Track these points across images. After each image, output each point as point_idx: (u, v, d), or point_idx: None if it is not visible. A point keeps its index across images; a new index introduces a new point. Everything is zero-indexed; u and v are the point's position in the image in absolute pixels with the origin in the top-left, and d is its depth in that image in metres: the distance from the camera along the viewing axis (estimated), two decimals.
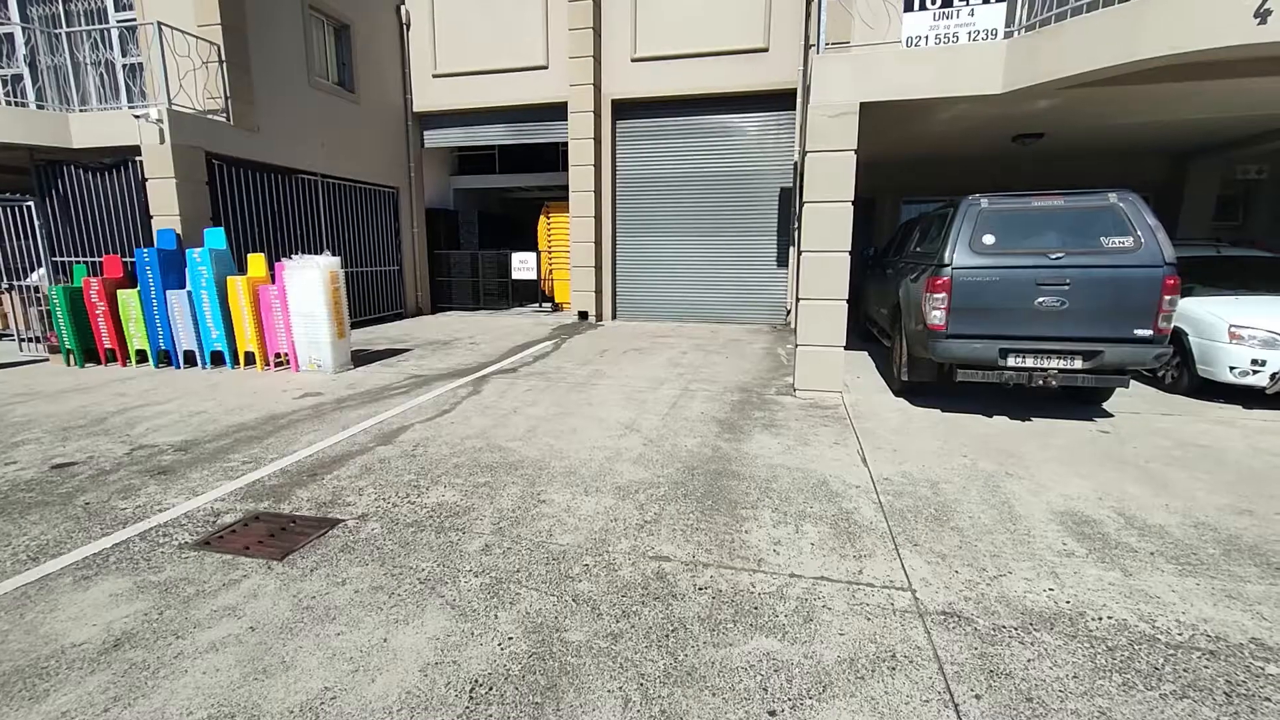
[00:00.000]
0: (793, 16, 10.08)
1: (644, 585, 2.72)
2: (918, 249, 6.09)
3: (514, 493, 3.73)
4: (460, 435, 4.85)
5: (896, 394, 6.11)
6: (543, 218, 14.25)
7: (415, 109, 12.57)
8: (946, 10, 5.16)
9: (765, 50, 10.36)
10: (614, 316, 12.31)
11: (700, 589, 2.69)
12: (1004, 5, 5.06)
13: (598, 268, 11.87)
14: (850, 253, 5.79)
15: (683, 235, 11.70)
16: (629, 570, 2.85)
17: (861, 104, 5.39)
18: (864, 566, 2.88)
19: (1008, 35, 5.15)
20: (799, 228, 6.47)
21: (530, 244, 14.46)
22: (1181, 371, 5.89)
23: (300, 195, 10.13)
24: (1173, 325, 5.54)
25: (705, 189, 11.42)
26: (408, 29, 12.21)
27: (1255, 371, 5.29)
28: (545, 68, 11.55)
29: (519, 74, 11.76)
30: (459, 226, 14.96)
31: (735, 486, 3.83)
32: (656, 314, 12.07)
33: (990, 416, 5.32)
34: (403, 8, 12.11)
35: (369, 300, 11.90)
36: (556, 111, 11.66)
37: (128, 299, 7.41)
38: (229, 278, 7.25)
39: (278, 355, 7.47)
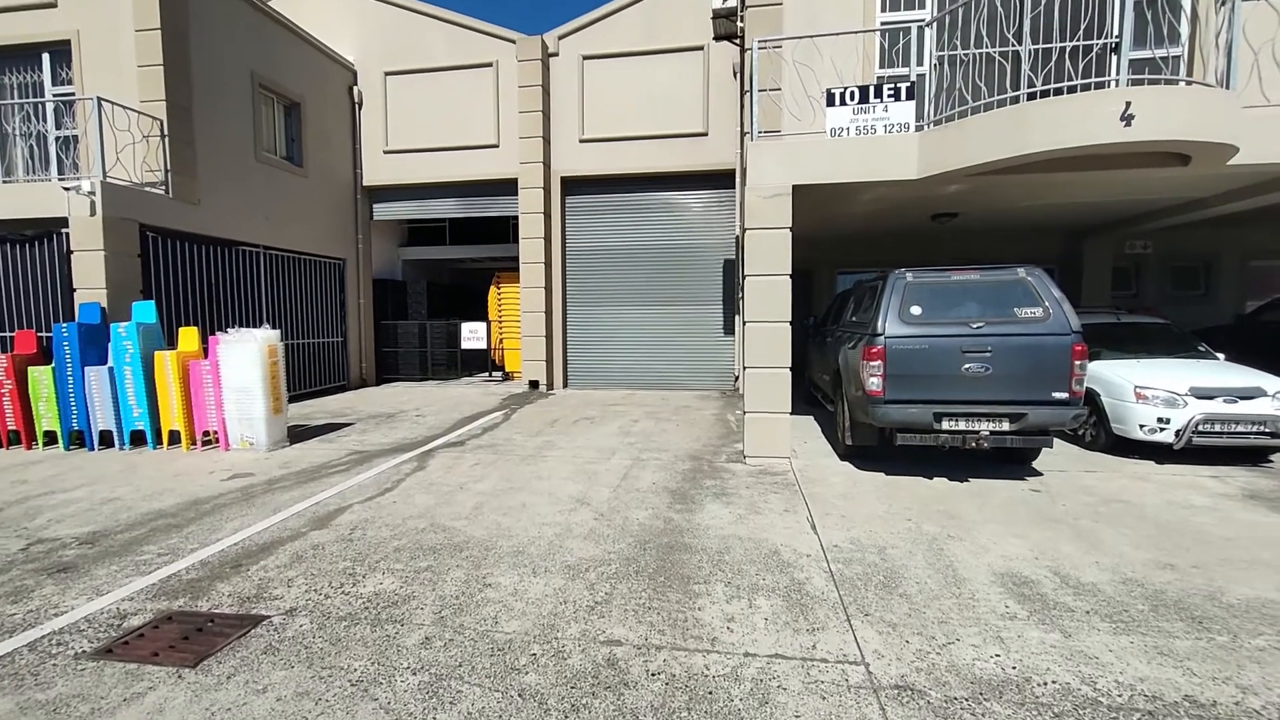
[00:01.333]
0: (729, 104, 10.88)
1: (594, 674, 2.60)
2: (853, 318, 6.42)
3: (458, 577, 3.55)
4: (402, 515, 4.64)
5: (842, 458, 6.26)
6: (493, 288, 14.34)
7: (365, 183, 12.68)
8: (863, 106, 5.71)
9: (705, 134, 11.09)
10: (565, 385, 12.27)
11: (653, 675, 2.60)
12: (913, 103, 5.64)
13: (548, 337, 11.92)
14: (791, 322, 6.06)
15: (632, 305, 11.96)
16: (579, 658, 2.72)
17: (793, 186, 5.79)
18: (818, 640, 2.86)
19: (918, 129, 5.71)
20: (742, 298, 6.75)
21: (480, 314, 14.45)
22: (1099, 430, 6.30)
23: (241, 267, 9.89)
24: (1086, 387, 5.97)
25: (653, 261, 11.82)
26: (359, 108, 12.49)
27: (1161, 429, 5.71)
28: (496, 146, 11.95)
29: (470, 151, 12.11)
30: (407, 297, 14.86)
31: (688, 560, 3.78)
32: (608, 382, 12.11)
33: (931, 478, 5.50)
34: (355, 88, 12.42)
35: (310, 372, 11.49)
36: (507, 187, 11.99)
37: (39, 376, 6.91)
38: (157, 352, 6.90)
39: (206, 433, 7.05)
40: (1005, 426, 5.15)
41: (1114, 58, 4.91)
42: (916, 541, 4.05)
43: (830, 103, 5.75)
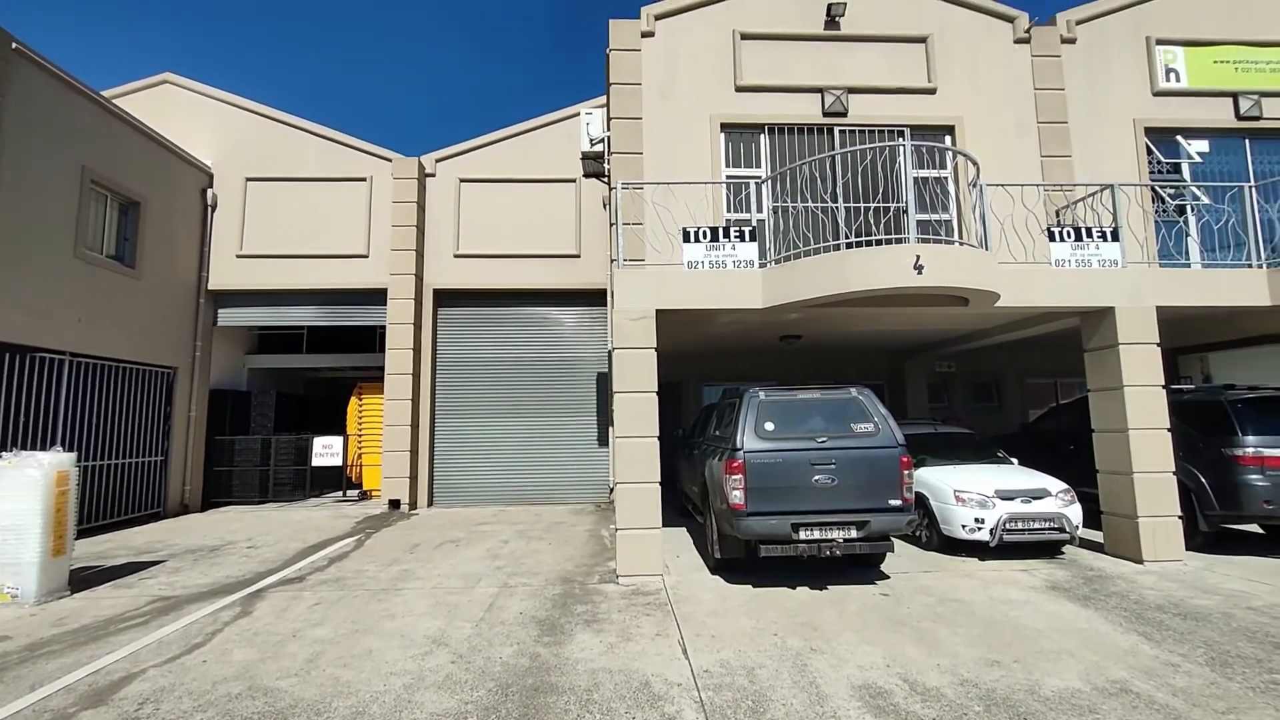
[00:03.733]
0: (600, 229, 11.72)
1: None
2: (716, 432, 6.78)
3: None
4: (213, 678, 3.89)
5: (713, 571, 6.32)
6: (354, 399, 13.41)
7: (210, 286, 11.70)
8: (715, 244, 6.45)
9: (578, 256, 11.75)
10: (430, 504, 11.43)
11: None
12: (755, 244, 6.47)
13: (414, 451, 11.22)
14: (661, 435, 6.27)
15: (505, 418, 11.73)
16: None
17: (656, 310, 6.25)
18: None
19: (762, 266, 6.52)
20: (614, 412, 6.93)
21: (338, 426, 13.34)
22: (931, 532, 6.99)
23: (38, 378, 8.44)
24: (917, 493, 6.66)
25: (528, 373, 11.84)
26: (212, 210, 11.80)
27: (979, 528, 6.48)
28: (365, 256, 11.72)
29: (337, 260, 11.74)
30: (251, 409, 13.38)
31: (554, 703, 3.51)
32: (478, 499, 11.48)
33: (794, 588, 5.69)
34: (209, 191, 11.78)
35: (115, 499, 9.71)
36: (375, 296, 11.66)
37: None
38: None
39: None
40: (853, 534, 5.56)
41: (906, 218, 6.05)
42: (783, 659, 4.11)
43: (686, 239, 6.43)
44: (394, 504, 10.96)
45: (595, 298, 11.77)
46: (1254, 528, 7.67)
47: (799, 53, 8.56)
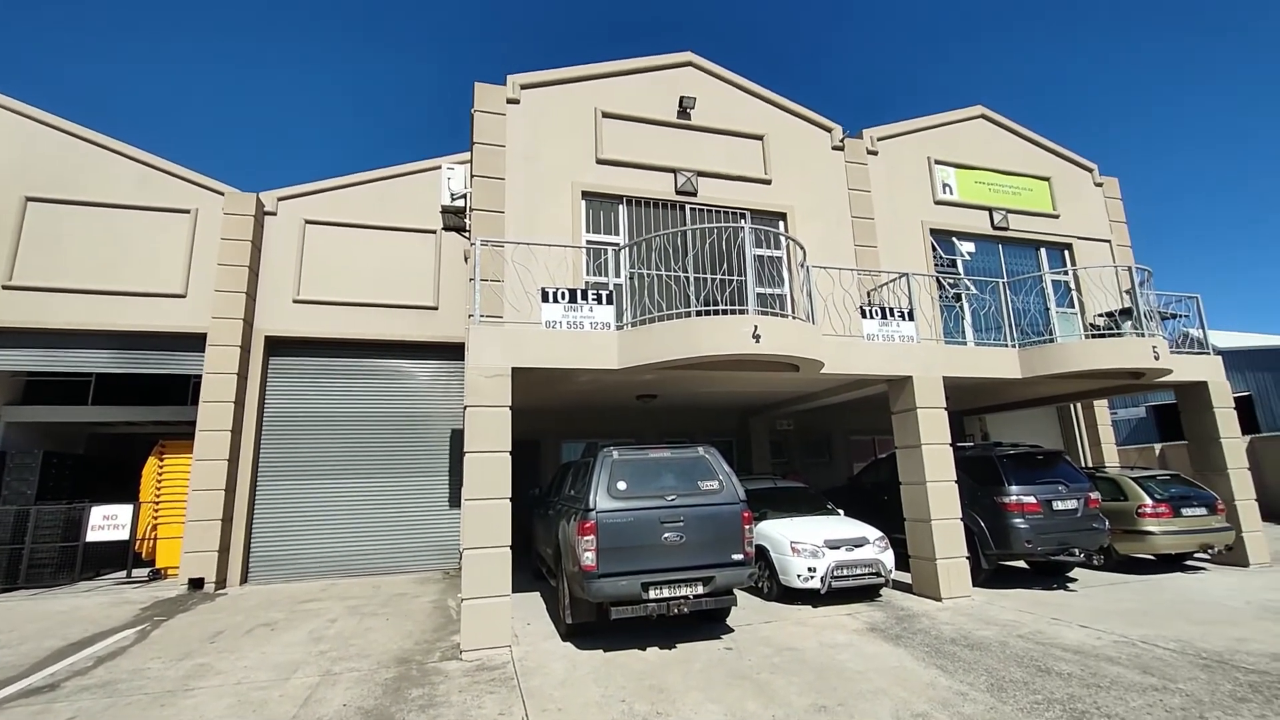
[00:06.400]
0: (461, 283, 11.45)
1: None
2: (571, 492, 6.74)
3: None
4: None
5: (564, 638, 6.13)
6: (153, 459, 11.41)
7: None
8: (573, 305, 6.61)
9: (436, 308, 11.33)
10: (244, 581, 9.92)
11: None
12: (612, 307, 6.74)
13: (227, 519, 9.75)
14: (514, 497, 6.09)
15: (345, 479, 10.68)
16: None
17: (512, 368, 6.20)
18: None
19: (618, 328, 6.78)
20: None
21: (131, 492, 11.23)
22: (771, 583, 7.43)
23: None
24: (758, 545, 7.07)
25: (373, 430, 10.97)
26: None
27: (811, 576, 7.01)
28: (182, 296, 10.34)
29: (144, 298, 10.21)
30: (3, 473, 10.85)
31: None
32: (306, 572, 10.18)
33: (644, 650, 5.70)
34: None
35: None
36: (192, 341, 10.25)
37: None
38: None
39: None
40: (700, 590, 5.74)
41: (746, 291, 6.68)
42: None
43: (545, 299, 6.53)
44: (196, 583, 9.35)
45: (453, 351, 11.35)
46: (1022, 564, 9.12)
47: (655, 135, 9.32)
